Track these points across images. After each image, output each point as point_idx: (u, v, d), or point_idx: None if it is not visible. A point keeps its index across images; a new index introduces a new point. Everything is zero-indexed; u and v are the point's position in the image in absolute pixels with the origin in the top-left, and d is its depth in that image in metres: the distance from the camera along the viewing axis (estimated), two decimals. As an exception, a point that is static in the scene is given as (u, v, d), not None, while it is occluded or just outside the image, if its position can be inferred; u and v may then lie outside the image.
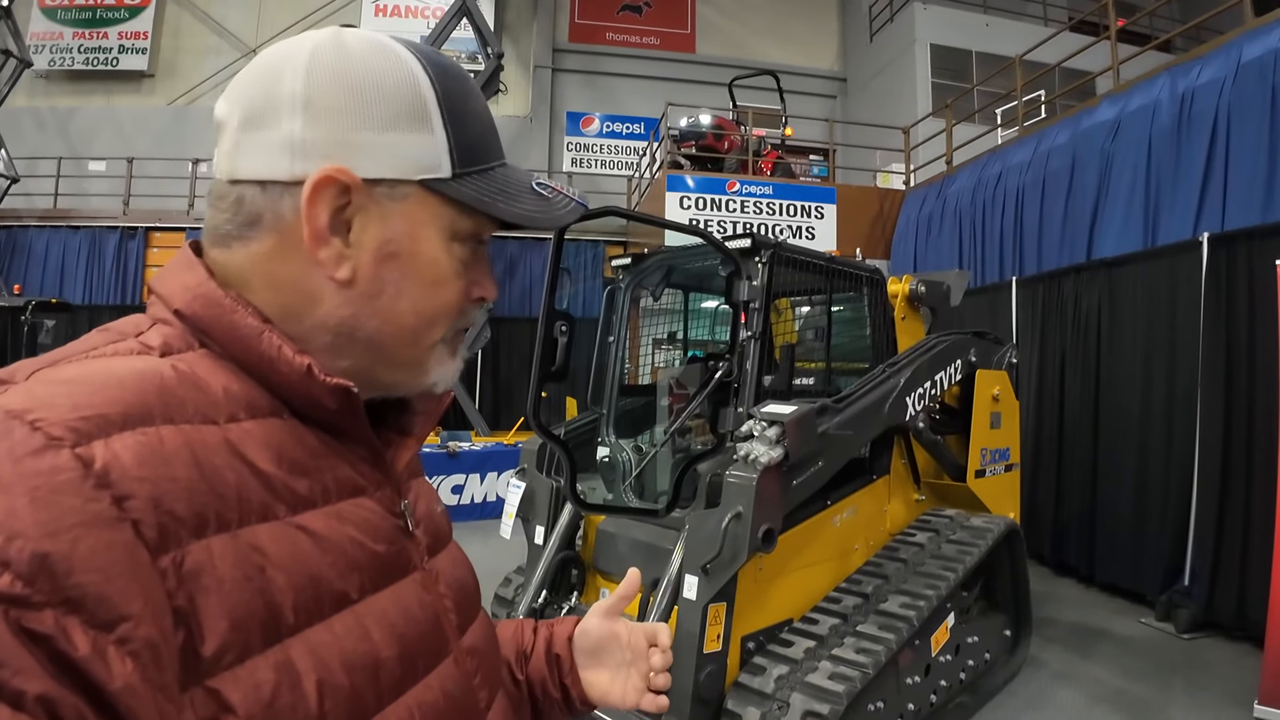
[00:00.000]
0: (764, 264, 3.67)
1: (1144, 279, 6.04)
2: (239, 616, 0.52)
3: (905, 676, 3.45)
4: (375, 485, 0.70)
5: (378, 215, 0.66)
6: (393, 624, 0.64)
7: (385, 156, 0.65)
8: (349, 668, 0.58)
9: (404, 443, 0.76)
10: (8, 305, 10.36)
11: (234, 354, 0.63)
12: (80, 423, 0.50)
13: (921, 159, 12.00)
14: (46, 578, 0.43)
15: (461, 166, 0.68)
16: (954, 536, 4.13)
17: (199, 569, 0.51)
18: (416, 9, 16.08)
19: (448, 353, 0.74)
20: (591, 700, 0.98)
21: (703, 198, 10.45)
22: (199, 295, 0.64)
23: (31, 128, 15.06)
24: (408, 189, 0.66)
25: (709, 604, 3.06)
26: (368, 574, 0.64)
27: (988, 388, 4.75)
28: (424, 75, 0.67)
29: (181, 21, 16.26)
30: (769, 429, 3.16)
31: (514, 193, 0.71)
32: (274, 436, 0.62)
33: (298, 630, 0.56)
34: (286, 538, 0.58)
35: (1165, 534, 5.59)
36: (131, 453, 0.50)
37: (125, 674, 0.45)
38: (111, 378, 0.54)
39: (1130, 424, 6.02)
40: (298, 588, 0.57)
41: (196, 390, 0.58)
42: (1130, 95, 7.07)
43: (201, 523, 0.53)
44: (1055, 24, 13.64)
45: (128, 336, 0.61)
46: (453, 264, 0.70)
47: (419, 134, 0.66)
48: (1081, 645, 4.98)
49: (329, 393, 0.65)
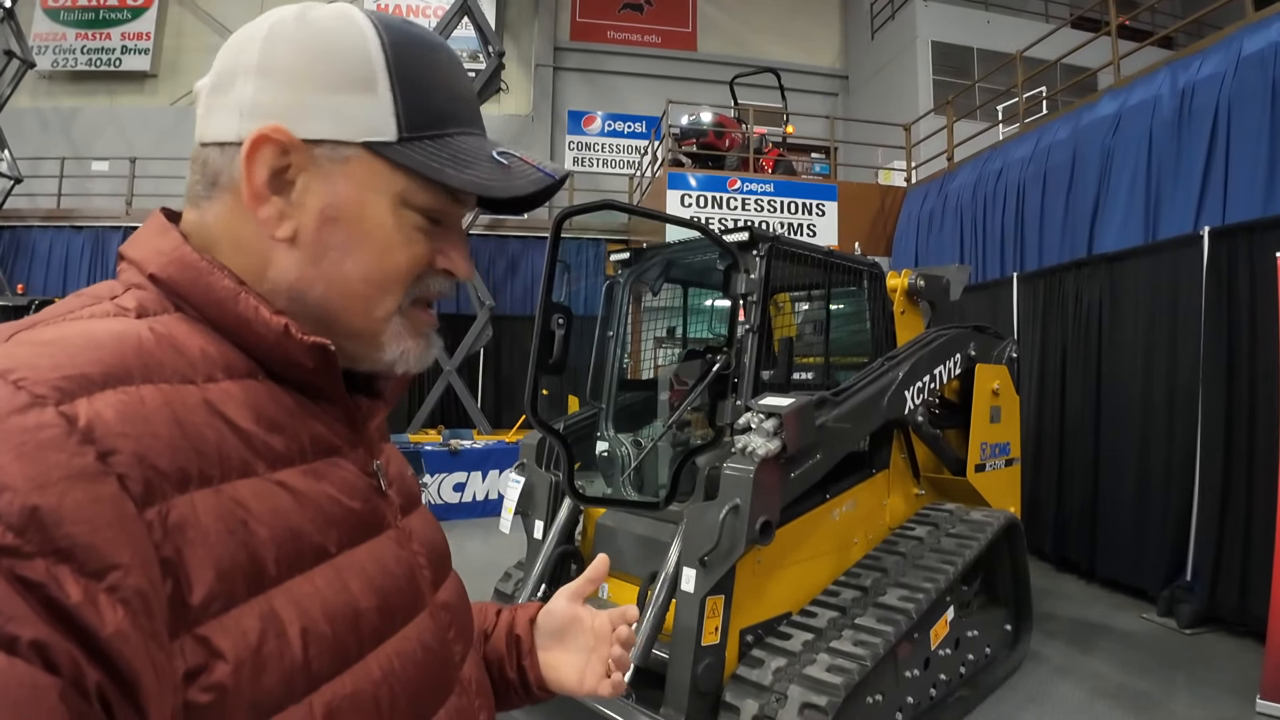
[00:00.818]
0: (762, 257, 3.67)
1: (1145, 273, 6.03)
2: (224, 567, 0.54)
3: (904, 670, 3.45)
4: (350, 445, 0.72)
5: (321, 176, 0.67)
6: (370, 577, 0.66)
7: (326, 118, 0.66)
8: (331, 617, 0.60)
9: (375, 405, 0.77)
10: (11, 305, 10.36)
11: (210, 316, 0.65)
12: (63, 381, 0.51)
13: (923, 156, 11.98)
14: (36, 529, 0.44)
15: (409, 131, 0.68)
16: (953, 530, 4.13)
17: (184, 522, 0.52)
18: (418, 8, 16.09)
19: (407, 329, 0.73)
20: (549, 685, 0.97)
21: (704, 195, 10.45)
22: (174, 259, 0.65)
23: (35, 128, 15.12)
24: (350, 151, 0.67)
25: (707, 596, 3.06)
26: (345, 529, 0.66)
27: (988, 382, 4.74)
28: (375, 40, 0.68)
29: (184, 22, 16.32)
30: (766, 421, 3.16)
31: (467, 160, 0.70)
32: (251, 396, 0.63)
33: (280, 581, 0.58)
34: (267, 493, 0.59)
35: (1167, 529, 5.58)
36: (114, 410, 0.51)
37: (116, 620, 0.46)
38: (91, 339, 0.56)
39: (1132, 418, 6.01)
40: (279, 541, 0.58)
41: (174, 351, 0.59)
42: (1131, 90, 7.05)
43: (184, 478, 0.54)
44: (1056, 20, 13.63)
45: (102, 300, 0.62)
46: (402, 230, 0.69)
47: (363, 96, 0.67)
48: (1083, 640, 4.97)
49: (306, 351, 0.66)
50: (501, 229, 13.57)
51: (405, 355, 0.72)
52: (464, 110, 0.73)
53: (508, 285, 13.13)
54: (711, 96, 13.26)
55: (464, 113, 0.73)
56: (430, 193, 0.69)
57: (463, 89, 0.74)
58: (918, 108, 13.67)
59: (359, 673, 0.62)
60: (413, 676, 0.67)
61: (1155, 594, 5.54)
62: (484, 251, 12.91)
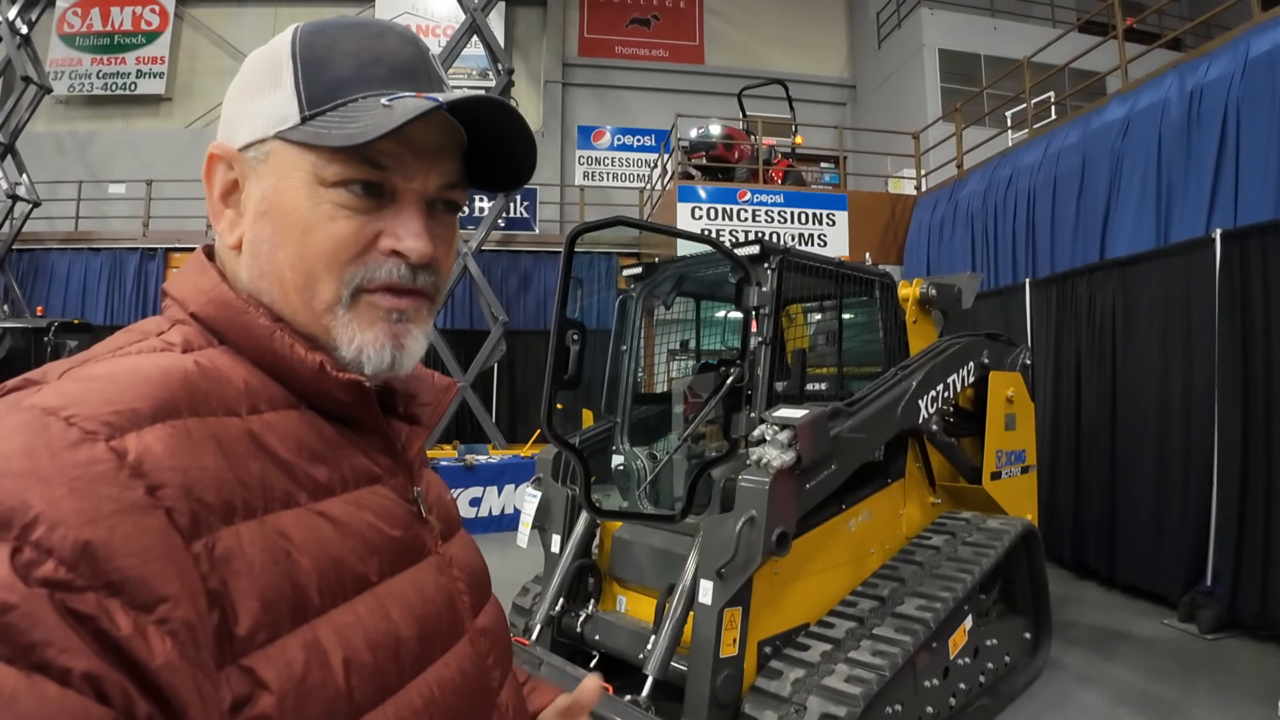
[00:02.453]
0: (773, 270, 3.70)
1: (1158, 277, 6.01)
2: (269, 598, 0.55)
3: (923, 679, 3.44)
4: (389, 473, 0.73)
5: (254, 178, 0.69)
6: (411, 605, 0.66)
7: (249, 122, 0.70)
8: (373, 646, 0.60)
9: (414, 432, 0.78)
10: (31, 326, 10.50)
11: (249, 353, 0.67)
12: (113, 417, 0.52)
13: (932, 163, 11.97)
14: (88, 563, 0.46)
15: (310, 108, 0.67)
16: (970, 539, 4.13)
17: (229, 554, 0.54)
18: (427, 28, 16.25)
19: (356, 321, 0.69)
20: None
21: (714, 208, 10.47)
22: (213, 299, 0.68)
23: (52, 152, 15.33)
24: (269, 145, 0.68)
25: (724, 608, 3.07)
26: (386, 558, 0.66)
27: (1002, 389, 4.74)
28: (289, 36, 0.71)
29: (197, 45, 16.54)
30: (780, 433, 3.18)
31: (354, 116, 0.66)
32: (293, 428, 0.65)
33: (323, 611, 0.58)
34: (309, 524, 0.61)
35: (1186, 534, 5.54)
36: (162, 444, 0.53)
37: (165, 652, 0.47)
38: (139, 374, 0.57)
39: (1148, 423, 5.98)
40: (322, 571, 0.59)
41: (219, 384, 0.61)
42: (1139, 94, 7.05)
43: (230, 510, 0.55)
44: (1063, 25, 13.64)
45: (150, 336, 0.65)
46: (320, 208, 0.67)
47: (273, 92, 0.69)
48: (1103, 647, 4.94)
49: (341, 388, 0.68)
50: (514, 244, 13.66)
51: (362, 352, 0.69)
52: (375, 73, 0.69)
53: (520, 300, 13.19)
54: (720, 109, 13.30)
55: (375, 75, 0.69)
56: (340, 163, 0.66)
57: (382, 52, 0.71)
58: (926, 115, 13.67)
59: (400, 701, 0.62)
60: (452, 705, 0.67)
61: (1175, 600, 5.50)
62: (496, 267, 12.98)
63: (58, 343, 10.20)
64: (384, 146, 0.66)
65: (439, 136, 0.71)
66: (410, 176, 0.70)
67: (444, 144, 0.72)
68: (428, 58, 0.74)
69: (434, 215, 0.73)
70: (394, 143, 0.66)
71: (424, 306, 0.73)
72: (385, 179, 0.68)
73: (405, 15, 16.43)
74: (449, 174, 0.73)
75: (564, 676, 2.97)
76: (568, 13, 17.24)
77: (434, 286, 0.73)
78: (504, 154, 0.77)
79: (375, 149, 0.66)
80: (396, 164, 0.68)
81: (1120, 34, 8.13)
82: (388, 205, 0.69)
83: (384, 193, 0.69)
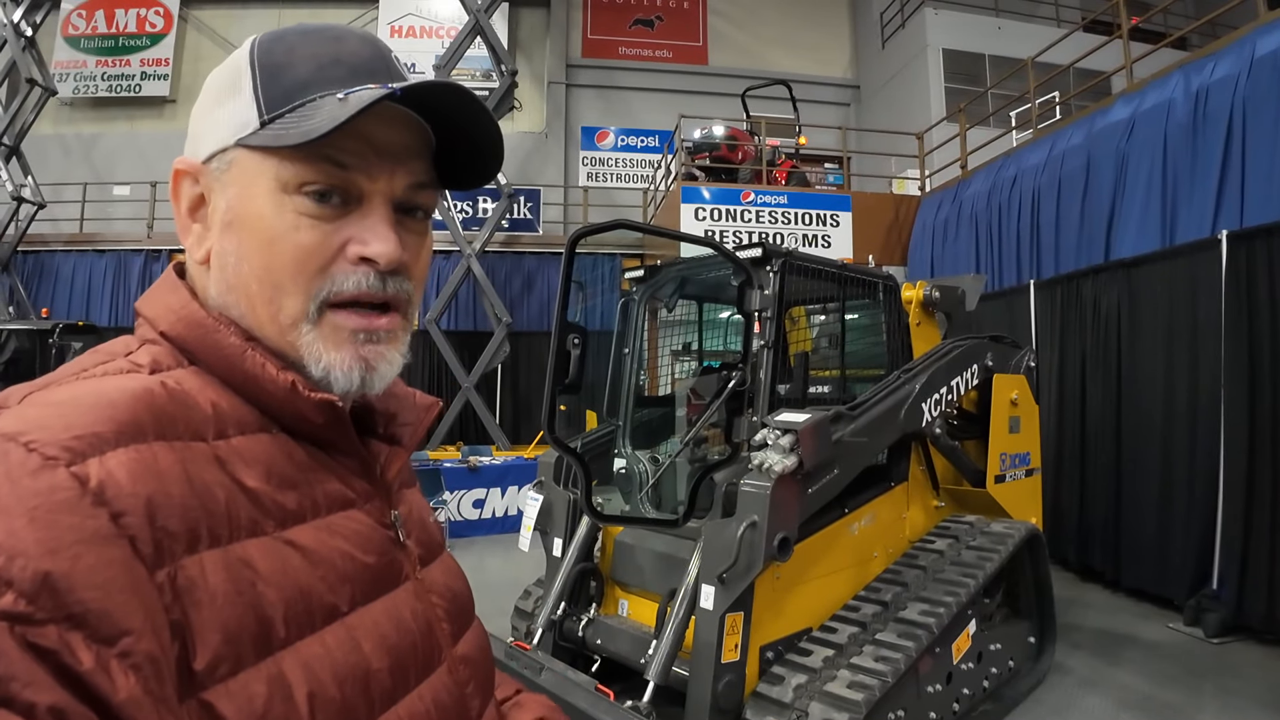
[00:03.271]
0: (775, 273, 3.68)
1: (1163, 278, 5.98)
2: (231, 630, 0.53)
3: (926, 685, 3.43)
4: (365, 497, 0.71)
5: (219, 190, 0.68)
6: (384, 635, 0.65)
7: (210, 134, 0.69)
8: (340, 680, 0.59)
9: (394, 453, 0.76)
10: (36, 328, 10.52)
11: (220, 373, 0.65)
12: (74, 441, 0.51)
13: (936, 164, 11.95)
14: (49, 595, 0.45)
15: (269, 112, 0.66)
16: (974, 543, 4.11)
17: (192, 583, 0.52)
18: (431, 29, 16.27)
19: (323, 340, 0.67)
20: None
21: (718, 209, 10.46)
22: (183, 317, 0.66)
23: (57, 154, 15.38)
24: (230, 154, 0.67)
25: (726, 614, 3.06)
26: (359, 586, 0.65)
27: (1006, 392, 4.72)
28: (247, 45, 0.70)
29: (201, 47, 16.56)
30: (782, 437, 3.17)
31: (311, 114, 0.64)
32: (263, 453, 0.63)
33: (289, 643, 0.57)
34: (276, 553, 0.59)
35: (1192, 537, 5.51)
36: (126, 469, 0.51)
37: (129, 687, 0.46)
38: (103, 397, 0.55)
39: (1154, 425, 5.95)
40: (288, 601, 0.58)
41: (186, 407, 0.59)
42: (1144, 94, 7.02)
43: (194, 538, 0.54)
44: (1068, 24, 13.59)
45: (117, 356, 0.63)
46: (284, 217, 0.65)
47: (234, 101, 0.67)
48: (1108, 651, 4.91)
49: (314, 408, 0.66)
50: (517, 246, 13.66)
51: (330, 373, 0.66)
52: (334, 74, 0.67)
53: (524, 302, 13.19)
54: (724, 110, 13.28)
55: (334, 75, 0.67)
56: (301, 165, 0.64)
57: (341, 53, 0.69)
58: (930, 116, 13.64)
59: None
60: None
61: (1181, 603, 5.47)
62: (500, 268, 12.98)
63: (62, 344, 10.22)
64: (345, 144, 0.64)
65: (404, 136, 0.69)
66: (375, 176, 0.67)
67: (409, 144, 0.70)
68: (389, 57, 0.72)
69: (404, 222, 0.71)
70: (356, 141, 0.65)
71: (397, 325, 0.70)
72: (349, 180, 0.66)
73: (409, 17, 16.46)
74: (416, 173, 0.70)
75: (565, 681, 2.96)
76: (571, 14, 17.23)
77: (406, 295, 0.70)
78: (469, 146, 0.74)
79: (336, 147, 0.64)
80: (360, 163, 0.66)
81: (1125, 33, 8.11)
82: (354, 211, 0.67)
83: (350, 197, 0.67)
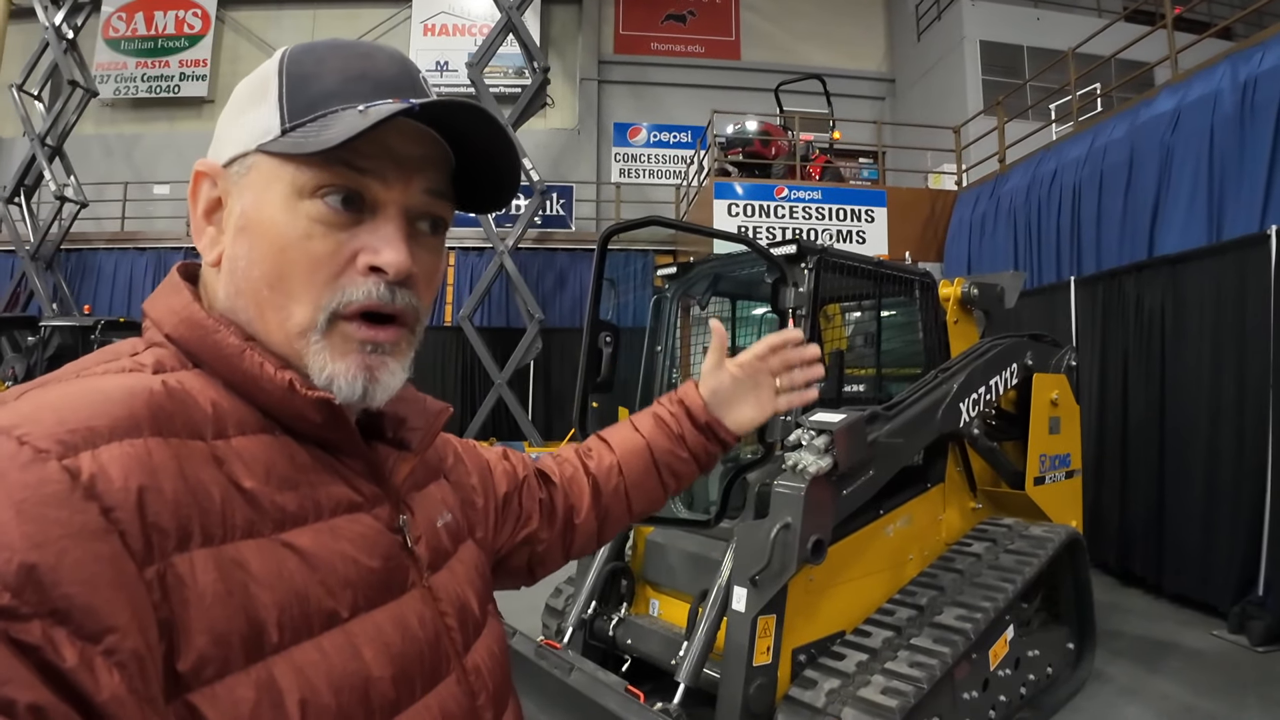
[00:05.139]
0: (810, 270, 3.63)
1: (1210, 275, 5.82)
2: (220, 631, 0.52)
3: (962, 691, 3.36)
4: (372, 500, 0.70)
5: (236, 194, 0.68)
6: (388, 642, 0.63)
7: (233, 138, 0.69)
8: (336, 688, 0.58)
9: (402, 457, 0.75)
10: (79, 325, 10.76)
11: (221, 374, 0.64)
12: (67, 435, 0.50)
13: (973, 158, 11.78)
14: (33, 589, 0.44)
15: (291, 121, 0.66)
16: (1012, 546, 4.02)
17: (181, 581, 0.51)
18: (464, 27, 16.37)
19: (329, 350, 0.66)
20: (744, 433, 1.19)
21: (751, 204, 10.39)
22: (184, 319, 0.66)
23: (99, 154, 15.74)
24: (251, 159, 0.67)
25: (758, 616, 3.02)
26: (361, 591, 0.63)
27: (1046, 392, 4.62)
28: (278, 55, 0.70)
29: (239, 48, 16.84)
30: (817, 438, 3.12)
31: (331, 124, 0.65)
32: (263, 453, 0.62)
33: (283, 648, 0.56)
34: (272, 555, 0.58)
35: (1237, 542, 5.35)
36: (118, 464, 0.51)
37: (112, 685, 0.45)
38: (100, 393, 0.55)
39: (1198, 427, 5.79)
40: (283, 605, 0.56)
41: (185, 406, 0.59)
42: (1189, 85, 6.83)
43: (185, 535, 0.53)
44: (1109, 14, 13.30)
45: (121, 356, 0.63)
46: (299, 223, 0.65)
47: (259, 108, 0.68)
48: (1149, 659, 4.79)
49: (311, 406, 0.65)
50: (550, 242, 13.70)
51: (333, 381, 0.66)
52: (359, 88, 0.68)
53: (556, 298, 13.24)
54: (756, 105, 13.20)
55: (359, 89, 0.67)
56: (318, 170, 0.65)
57: (368, 69, 0.69)
58: (967, 109, 13.45)
59: None
60: None
61: (1225, 610, 5.31)
62: (532, 265, 13.03)
63: (104, 340, 10.39)
64: (363, 149, 0.64)
65: (422, 149, 0.69)
66: (390, 184, 0.67)
67: (428, 156, 0.70)
68: (416, 76, 0.72)
69: (417, 235, 0.70)
70: (374, 149, 0.65)
71: (403, 339, 0.70)
72: (364, 186, 0.66)
73: (441, 15, 16.57)
74: (431, 181, 0.70)
75: (595, 682, 2.94)
76: (603, 10, 17.25)
77: (413, 309, 0.70)
78: (487, 166, 0.74)
79: (353, 152, 0.64)
80: (376, 168, 0.66)
81: (1169, 23, 7.90)
82: (366, 220, 0.67)
83: (364, 206, 0.66)
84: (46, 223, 12.95)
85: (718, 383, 1.17)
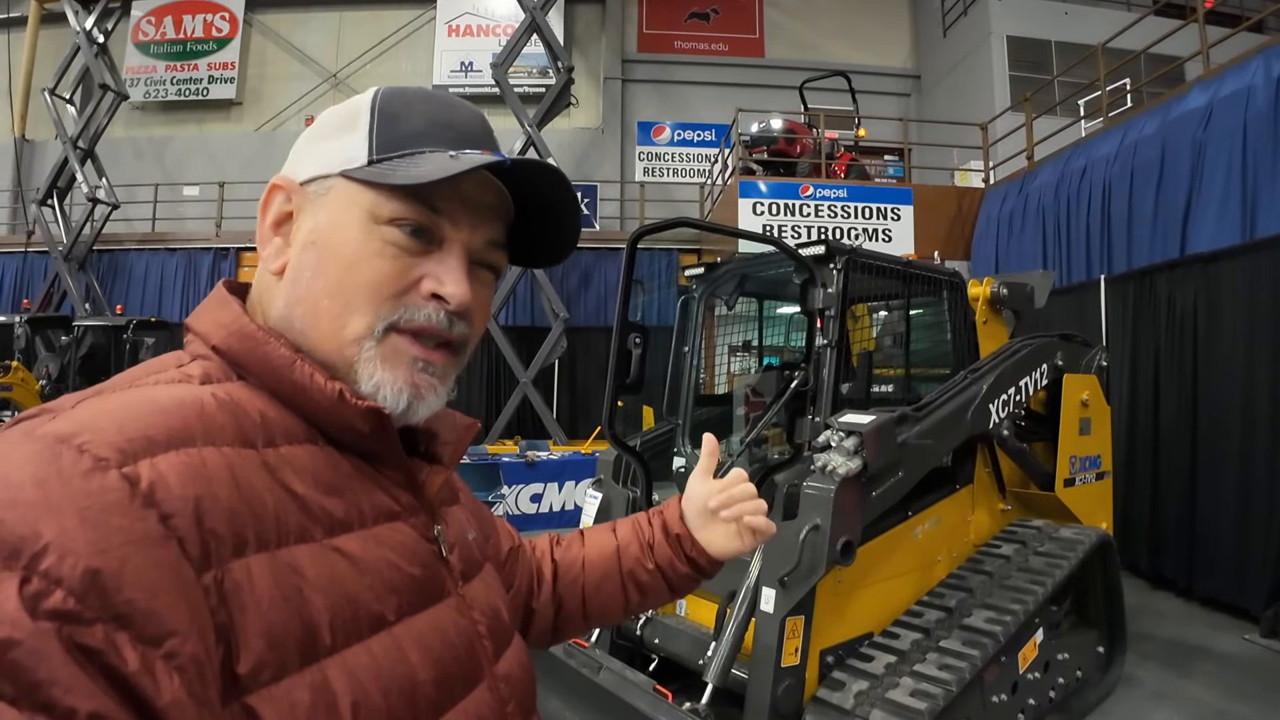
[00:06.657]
0: (839, 270, 3.61)
1: (1243, 274, 5.73)
2: (276, 635, 0.54)
3: (991, 694, 3.34)
4: (410, 510, 0.72)
5: (310, 211, 0.71)
6: (430, 647, 0.65)
7: (317, 159, 0.72)
8: (386, 690, 0.59)
9: (434, 470, 0.77)
10: (111, 324, 10.95)
11: (269, 384, 0.67)
12: (126, 444, 0.52)
13: (1001, 155, 11.65)
14: (97, 594, 0.45)
15: (379, 153, 0.70)
16: (1042, 548, 3.99)
17: (238, 587, 0.53)
18: (488, 28, 16.43)
19: (380, 359, 0.69)
20: (717, 558, 1.10)
21: (776, 203, 10.35)
22: (234, 331, 0.68)
23: (130, 156, 15.98)
24: (331, 181, 0.71)
25: (786, 617, 3.02)
26: (405, 597, 0.65)
27: (1076, 392, 4.57)
28: (370, 93, 0.74)
29: (266, 51, 17.01)
30: (847, 439, 3.11)
31: (420, 163, 0.70)
32: (310, 462, 0.64)
33: (335, 651, 0.57)
34: (324, 559, 0.60)
35: (1270, 544, 5.28)
36: (176, 472, 0.53)
37: (172, 689, 0.47)
38: (154, 404, 0.57)
39: (1231, 428, 5.71)
40: (335, 608, 0.58)
41: (235, 416, 0.61)
42: (1222, 80, 6.72)
43: (241, 542, 0.55)
44: (1139, 8, 13.08)
45: (169, 368, 0.65)
46: (370, 244, 0.69)
47: (347, 136, 0.72)
48: (1180, 663, 4.74)
49: (361, 416, 0.67)
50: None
51: (379, 390, 0.69)
52: (444, 134, 0.73)
53: (581, 297, 13.25)
54: (781, 102, 13.15)
55: (444, 136, 0.73)
56: (396, 203, 0.69)
57: (453, 119, 0.75)
58: (994, 105, 13.29)
59: None
60: None
61: (1258, 613, 5.25)
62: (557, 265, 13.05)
63: (136, 340, 10.61)
64: (442, 191, 0.69)
65: (491, 198, 0.75)
66: (460, 226, 0.72)
67: (495, 206, 0.75)
68: (492, 134, 0.78)
69: (474, 274, 0.74)
70: (452, 192, 0.70)
71: (451, 365, 0.74)
72: (436, 224, 0.71)
73: (466, 15, 16.64)
74: (495, 233, 0.76)
75: (623, 681, 2.96)
76: (627, 8, 17.24)
77: (465, 340, 0.74)
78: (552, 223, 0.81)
79: (432, 193, 0.69)
80: (449, 209, 0.71)
81: (1201, 17, 7.78)
82: (434, 252, 0.72)
83: (432, 239, 0.71)
84: (79, 224, 13.15)
85: (701, 496, 1.11)
